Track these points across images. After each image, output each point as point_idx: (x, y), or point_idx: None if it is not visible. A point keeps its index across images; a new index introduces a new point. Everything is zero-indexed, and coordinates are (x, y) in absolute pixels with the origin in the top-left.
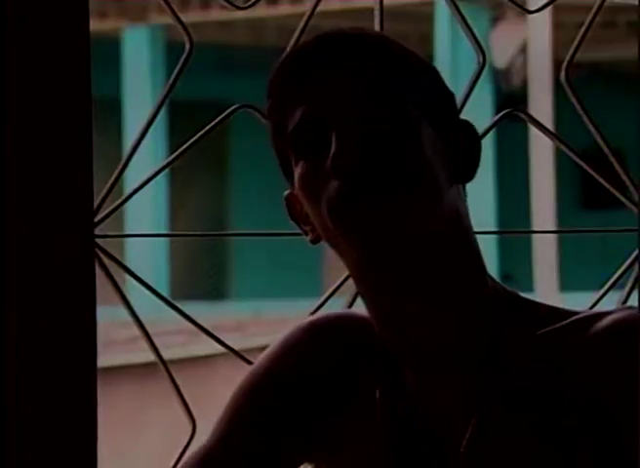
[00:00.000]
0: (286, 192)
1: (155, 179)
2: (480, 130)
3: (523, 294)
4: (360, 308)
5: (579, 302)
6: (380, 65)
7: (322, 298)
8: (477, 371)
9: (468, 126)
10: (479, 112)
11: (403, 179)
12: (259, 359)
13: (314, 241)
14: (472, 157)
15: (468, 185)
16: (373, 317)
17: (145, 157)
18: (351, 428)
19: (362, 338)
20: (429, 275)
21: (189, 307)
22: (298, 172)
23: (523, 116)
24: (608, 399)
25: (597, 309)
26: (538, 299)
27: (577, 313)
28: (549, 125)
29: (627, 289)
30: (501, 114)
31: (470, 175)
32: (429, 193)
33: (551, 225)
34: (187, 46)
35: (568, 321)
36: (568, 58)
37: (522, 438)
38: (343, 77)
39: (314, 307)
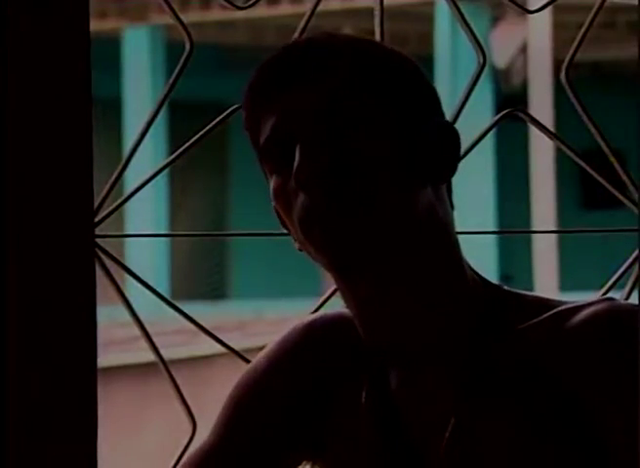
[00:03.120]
0: None
1: (155, 179)
2: (480, 130)
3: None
4: None
5: None
6: (348, 74)
7: (322, 298)
8: (459, 368)
9: (448, 126)
10: (479, 112)
11: (367, 189)
12: (255, 359)
13: (301, 249)
14: (450, 158)
15: (468, 185)
16: (356, 320)
17: (145, 157)
18: (343, 428)
19: (354, 339)
20: (404, 277)
21: (189, 307)
22: (271, 185)
23: (523, 116)
24: (588, 392)
25: (578, 301)
26: None
27: (562, 304)
28: (549, 125)
29: (627, 289)
30: (501, 114)
31: (446, 175)
32: (395, 199)
33: (551, 225)
34: (187, 46)
35: (549, 313)
36: (568, 58)
37: (504, 434)
38: (311, 88)
39: (314, 307)
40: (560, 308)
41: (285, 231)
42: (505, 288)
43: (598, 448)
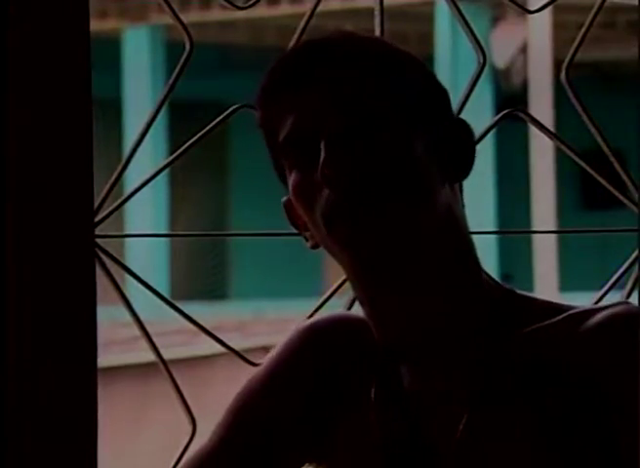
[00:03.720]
0: (284, 198)
1: (155, 179)
2: (480, 130)
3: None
4: (359, 309)
5: (579, 303)
6: (367, 71)
7: (322, 298)
8: (472, 367)
9: (463, 124)
10: (479, 112)
11: (392, 186)
12: (262, 362)
13: (314, 246)
14: (466, 156)
15: (469, 185)
16: (370, 319)
17: (145, 157)
18: (350, 428)
19: (360, 340)
20: (424, 275)
21: (189, 307)
22: (291, 181)
23: (523, 116)
24: (603, 394)
25: (592, 304)
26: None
27: (573, 308)
28: (549, 125)
29: (627, 289)
30: (501, 114)
31: (464, 173)
32: (419, 197)
33: (551, 225)
34: (187, 46)
35: (562, 316)
36: (568, 58)
37: (515, 434)
38: (331, 85)
39: (314, 307)
40: (573, 311)
41: (284, 231)
42: (517, 290)
43: (612, 448)
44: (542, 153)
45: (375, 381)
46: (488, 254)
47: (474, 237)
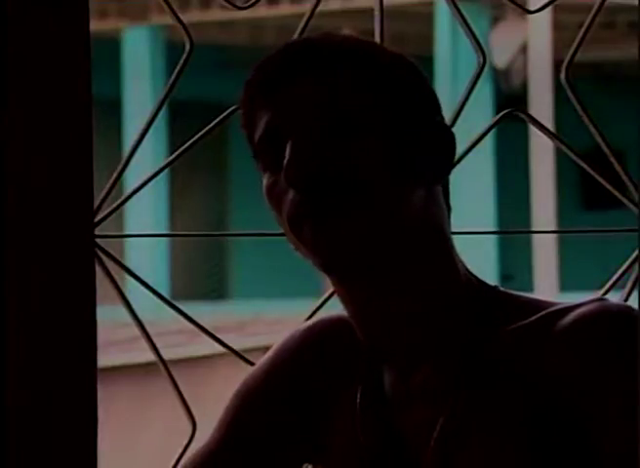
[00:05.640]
0: None
1: (155, 179)
2: (480, 130)
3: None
4: None
5: None
6: (344, 74)
7: (321, 299)
8: (451, 368)
9: (444, 127)
10: (479, 112)
11: (357, 187)
12: (258, 362)
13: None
14: (443, 160)
15: (468, 185)
16: (351, 319)
17: (145, 157)
18: (343, 430)
19: (354, 341)
20: (395, 276)
21: (189, 307)
22: (263, 183)
23: (523, 116)
24: (578, 393)
25: (569, 302)
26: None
27: (553, 305)
28: (549, 125)
29: (627, 289)
30: (501, 114)
31: (439, 177)
32: (384, 198)
33: (551, 225)
34: (187, 46)
35: (538, 315)
36: (568, 58)
37: (492, 436)
38: (305, 87)
39: (313, 308)
40: (550, 309)
41: (283, 232)
42: (500, 288)
43: (588, 447)
44: (542, 153)
45: (361, 383)
46: (488, 255)
47: (475, 237)
